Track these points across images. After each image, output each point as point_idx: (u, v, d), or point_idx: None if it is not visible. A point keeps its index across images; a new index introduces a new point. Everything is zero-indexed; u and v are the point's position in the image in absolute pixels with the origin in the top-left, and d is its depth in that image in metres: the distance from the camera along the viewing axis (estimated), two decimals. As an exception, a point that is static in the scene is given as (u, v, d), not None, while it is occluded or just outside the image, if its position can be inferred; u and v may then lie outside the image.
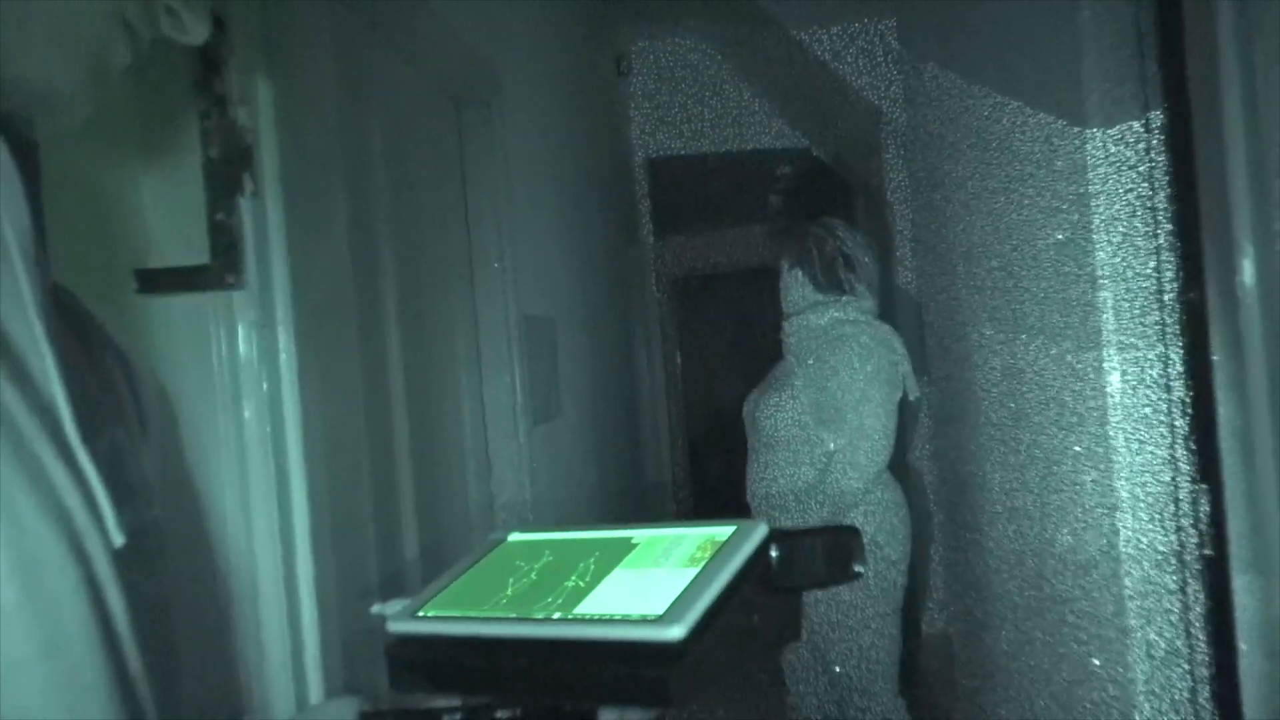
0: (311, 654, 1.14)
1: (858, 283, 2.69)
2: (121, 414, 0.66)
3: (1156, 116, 1.50)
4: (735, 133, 4.07)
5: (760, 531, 0.63)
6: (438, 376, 1.97)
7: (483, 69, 2.11)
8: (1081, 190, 1.64)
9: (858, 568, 0.66)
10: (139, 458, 0.65)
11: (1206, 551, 1.46)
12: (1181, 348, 1.49)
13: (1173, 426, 1.52)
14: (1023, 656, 2.15)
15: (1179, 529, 1.52)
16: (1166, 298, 1.52)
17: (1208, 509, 1.44)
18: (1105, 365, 1.61)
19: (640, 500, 3.82)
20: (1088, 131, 1.61)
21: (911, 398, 2.71)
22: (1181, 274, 1.48)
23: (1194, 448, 1.47)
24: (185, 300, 1.09)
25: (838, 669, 2.57)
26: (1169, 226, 1.50)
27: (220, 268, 1.07)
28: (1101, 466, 1.64)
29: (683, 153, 4.12)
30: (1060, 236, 1.75)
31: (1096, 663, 1.71)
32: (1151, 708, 1.55)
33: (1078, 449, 1.74)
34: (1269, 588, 1.26)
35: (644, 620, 0.58)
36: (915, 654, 3.46)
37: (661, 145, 4.13)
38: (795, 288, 2.74)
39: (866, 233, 3.00)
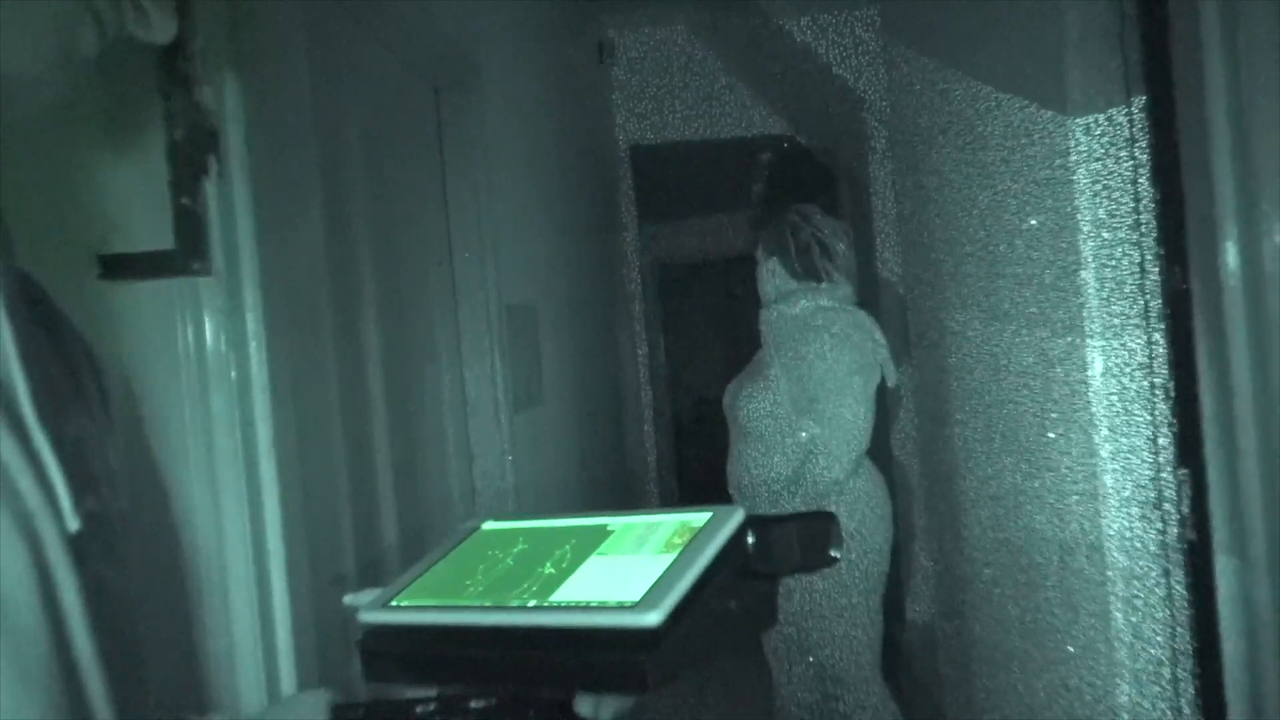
0: (284, 646, 1.13)
1: (834, 270, 2.68)
2: (83, 401, 0.65)
3: (1139, 101, 1.49)
4: (717, 120, 4.06)
5: (737, 517, 0.62)
6: (417, 365, 1.95)
7: (462, 54, 2.09)
8: (1062, 176, 1.63)
9: (834, 552, 0.66)
10: (102, 445, 0.64)
11: (1190, 537, 1.46)
12: (1163, 333, 1.48)
13: (1154, 411, 1.52)
14: (1005, 642, 2.15)
15: (1161, 514, 1.52)
16: (1148, 282, 1.51)
17: (1189, 494, 1.44)
18: (1087, 351, 1.61)
19: (623, 488, 3.82)
20: (1069, 117, 1.60)
21: (890, 384, 2.71)
22: (1163, 258, 1.48)
23: (1175, 432, 1.47)
24: (150, 287, 1.06)
25: (822, 655, 2.57)
26: (1150, 211, 1.50)
27: (186, 253, 1.04)
28: (1083, 452, 1.64)
29: (665, 140, 4.11)
30: (1039, 222, 1.75)
31: (1074, 649, 1.71)
32: (1134, 690, 1.55)
33: (1059, 434, 1.74)
34: (1251, 571, 1.26)
35: (620, 607, 0.57)
36: (898, 641, 3.47)
37: (643, 133, 4.11)
38: (772, 276, 2.74)
39: (848, 220, 3.00)
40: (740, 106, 4.07)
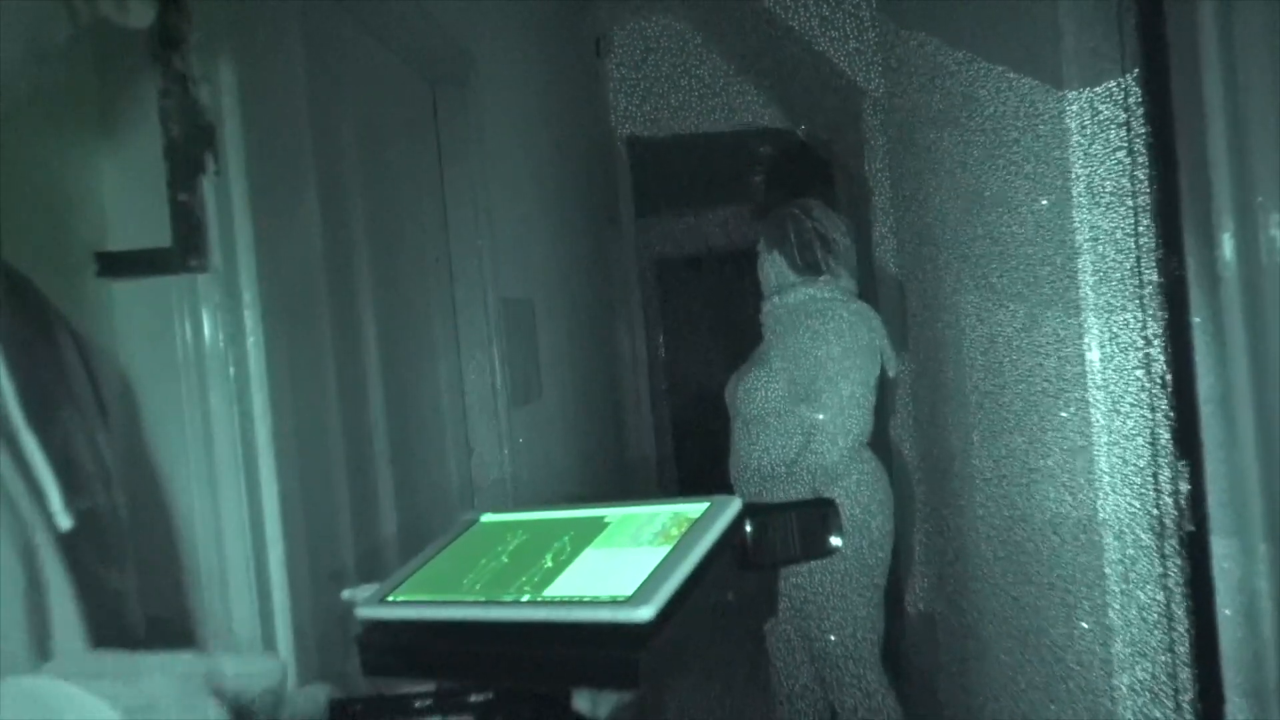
0: (283, 640, 1.13)
1: (835, 263, 2.71)
2: (77, 400, 0.65)
3: (1136, 78, 1.49)
4: (715, 112, 4.05)
5: (734, 507, 0.62)
6: (415, 360, 1.95)
7: (458, 49, 2.08)
8: (1063, 155, 1.63)
9: (835, 541, 0.65)
10: (96, 443, 0.64)
11: (1188, 527, 1.46)
12: (1163, 316, 1.49)
13: (1153, 394, 1.52)
14: (1003, 629, 2.16)
15: (1160, 496, 1.52)
16: (1146, 262, 1.51)
17: (1188, 484, 1.44)
18: (1087, 333, 1.61)
19: (623, 482, 3.82)
20: (1069, 94, 1.59)
21: (891, 374, 2.73)
22: (1162, 246, 1.48)
23: (1174, 416, 1.47)
24: (148, 284, 1.06)
25: (832, 638, 2.58)
26: (1149, 195, 1.50)
27: (183, 250, 1.04)
28: (1085, 432, 1.64)
29: (663, 134, 4.10)
30: (1044, 202, 1.74)
31: (1072, 635, 1.72)
32: (1138, 669, 1.56)
33: (1063, 415, 1.74)
34: (1249, 553, 1.26)
35: (613, 601, 0.57)
36: (898, 629, 3.48)
37: (641, 126, 4.11)
38: (773, 269, 2.76)
39: (848, 209, 3.00)
40: (737, 98, 4.06)
